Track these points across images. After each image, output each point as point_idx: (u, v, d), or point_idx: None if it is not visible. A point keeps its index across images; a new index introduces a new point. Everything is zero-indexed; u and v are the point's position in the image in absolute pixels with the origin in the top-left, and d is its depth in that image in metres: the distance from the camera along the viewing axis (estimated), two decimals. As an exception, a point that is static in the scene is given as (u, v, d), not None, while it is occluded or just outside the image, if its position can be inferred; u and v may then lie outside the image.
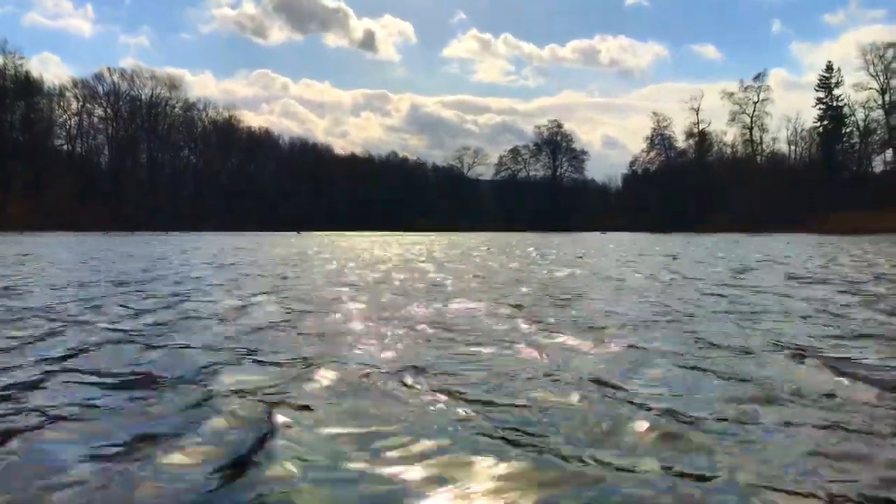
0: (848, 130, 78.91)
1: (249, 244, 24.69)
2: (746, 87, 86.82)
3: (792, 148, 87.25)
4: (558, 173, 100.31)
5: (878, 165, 77.99)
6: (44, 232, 52.09)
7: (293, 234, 52.15)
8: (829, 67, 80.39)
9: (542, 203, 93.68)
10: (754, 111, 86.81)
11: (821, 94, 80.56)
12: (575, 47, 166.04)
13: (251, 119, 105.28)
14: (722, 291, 6.89)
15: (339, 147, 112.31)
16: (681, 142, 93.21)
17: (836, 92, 79.42)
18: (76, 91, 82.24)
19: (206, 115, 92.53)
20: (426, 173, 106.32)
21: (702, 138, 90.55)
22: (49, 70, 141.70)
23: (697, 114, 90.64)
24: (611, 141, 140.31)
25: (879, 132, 76.83)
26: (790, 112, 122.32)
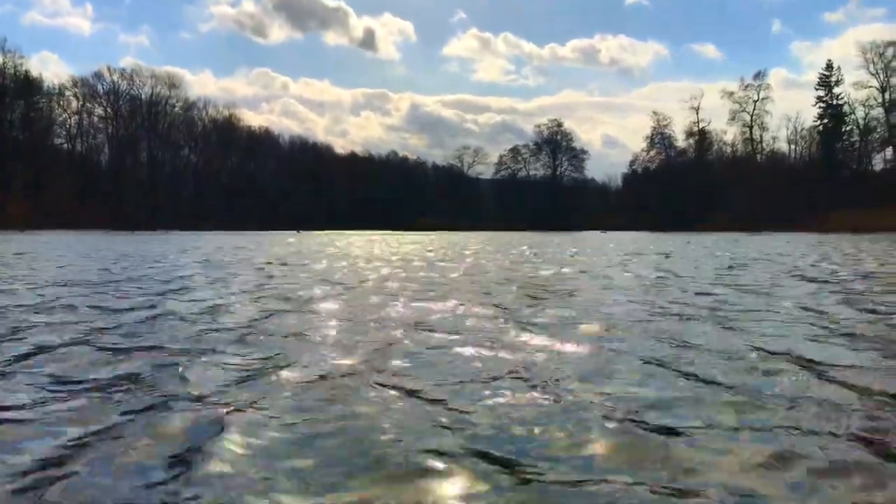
0: (848, 129, 79.01)
1: (247, 243, 24.68)
2: (746, 86, 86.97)
3: (792, 147, 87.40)
4: (558, 172, 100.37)
5: (879, 164, 78.19)
6: (44, 231, 52.13)
7: (293, 234, 52.16)
8: (829, 66, 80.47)
9: (543, 202, 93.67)
10: (754, 110, 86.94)
11: (821, 93, 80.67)
12: (575, 46, 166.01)
13: (251, 118, 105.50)
14: (709, 290, 6.86)
15: (339, 146, 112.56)
16: (681, 141, 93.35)
17: (837, 90, 79.59)
18: (76, 90, 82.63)
19: (206, 115, 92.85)
20: (426, 172, 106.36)
21: (702, 137, 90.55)
22: (48, 69, 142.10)
23: (697, 113, 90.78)
24: (611, 140, 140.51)
25: (879, 130, 76.96)
26: (790, 111, 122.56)
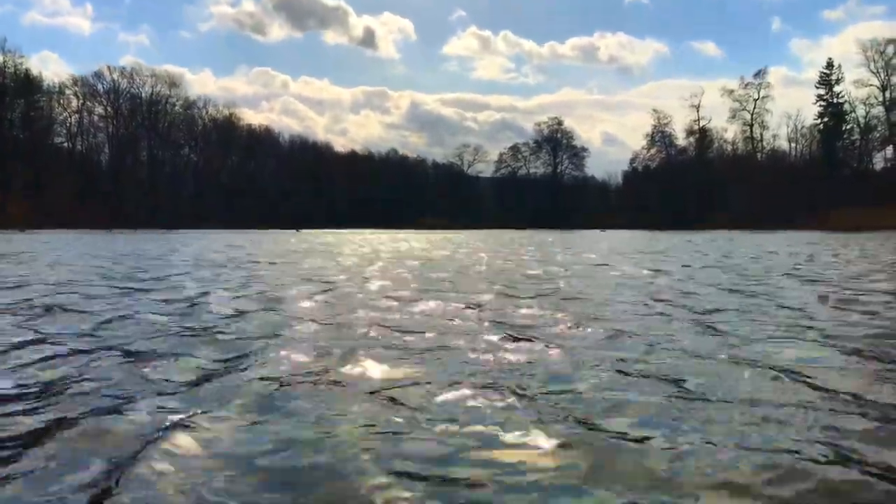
0: (848, 127, 78.80)
1: (245, 242, 24.70)
2: (747, 84, 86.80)
3: (792, 145, 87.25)
4: (558, 171, 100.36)
5: (879, 162, 78.03)
6: (44, 230, 52.18)
7: (293, 233, 52.22)
8: (830, 64, 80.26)
9: (543, 201, 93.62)
10: (755, 108, 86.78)
11: (821, 91, 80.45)
12: (574, 45, 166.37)
13: (251, 117, 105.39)
14: (686, 288, 6.86)
15: (340, 145, 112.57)
16: (681, 139, 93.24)
17: (837, 89, 79.37)
18: (76, 89, 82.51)
19: (207, 114, 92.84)
20: (426, 171, 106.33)
21: (702, 135, 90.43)
22: (48, 68, 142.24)
23: (698, 111, 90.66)
24: (610, 138, 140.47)
25: (880, 129, 76.79)
26: (790, 109, 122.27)
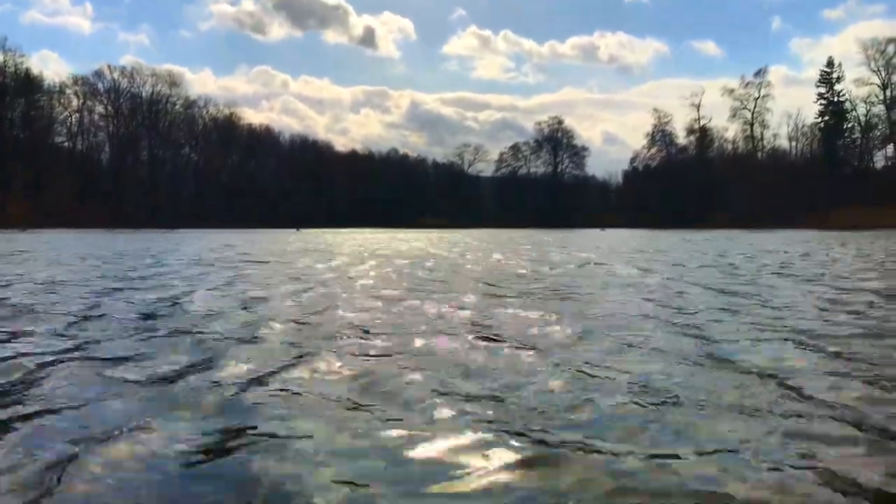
0: (849, 126, 78.69)
1: (243, 241, 24.71)
2: (747, 84, 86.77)
3: (793, 144, 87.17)
4: (559, 170, 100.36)
5: (880, 161, 77.99)
6: (44, 230, 52.27)
7: (293, 232, 52.25)
8: (830, 63, 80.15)
9: (543, 200, 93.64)
10: (755, 107, 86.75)
11: (822, 90, 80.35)
12: (574, 44, 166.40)
13: (251, 116, 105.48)
14: (673, 286, 6.87)
15: (340, 144, 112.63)
16: (681, 138, 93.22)
17: (837, 87, 79.29)
18: (76, 88, 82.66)
19: (207, 113, 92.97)
20: (426, 170, 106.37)
21: (703, 134, 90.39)
22: (48, 68, 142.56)
23: (698, 110, 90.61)
24: (611, 137, 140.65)
25: (881, 127, 76.70)
26: (791, 108, 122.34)
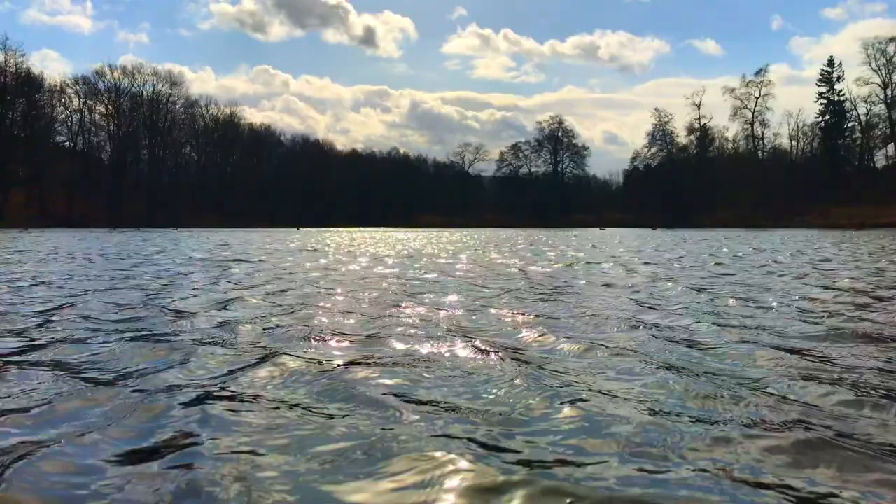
0: (850, 125, 78.78)
1: (241, 241, 24.75)
2: (748, 83, 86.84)
3: (794, 143, 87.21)
4: (560, 169, 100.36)
5: (880, 160, 78.01)
6: (45, 229, 52.42)
7: (293, 232, 52.37)
8: (831, 62, 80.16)
9: (544, 199, 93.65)
10: (756, 106, 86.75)
11: (822, 89, 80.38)
12: (575, 43, 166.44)
13: (252, 116, 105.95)
14: (654, 287, 6.90)
15: (341, 144, 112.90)
16: (682, 137, 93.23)
17: (838, 86, 79.35)
18: (77, 87, 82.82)
19: (208, 112, 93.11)
20: (427, 170, 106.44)
21: (703, 134, 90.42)
22: (49, 67, 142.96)
23: (699, 109, 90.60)
24: (611, 136, 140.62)
25: (881, 127, 76.77)
26: (791, 107, 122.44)
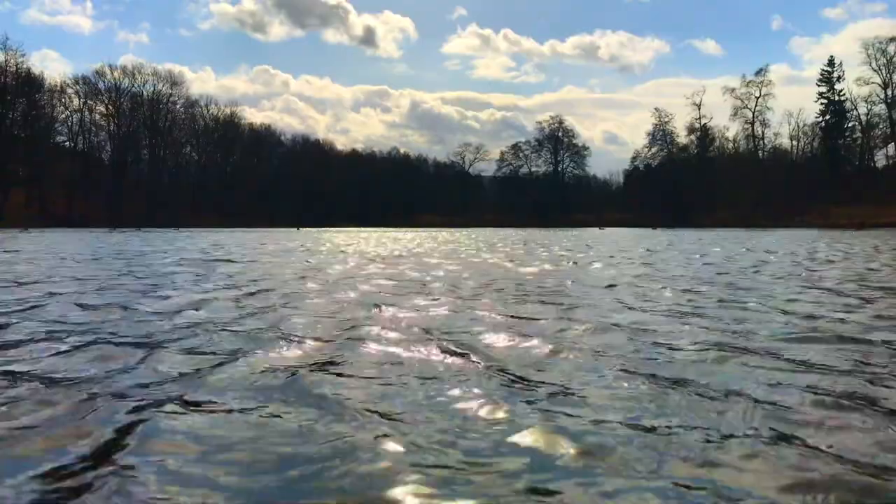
0: (850, 125, 78.73)
1: (238, 241, 24.79)
2: (748, 83, 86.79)
3: (794, 143, 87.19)
4: (560, 169, 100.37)
5: (881, 160, 77.98)
6: (45, 229, 52.48)
7: (293, 231, 52.45)
8: (831, 62, 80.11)
9: (544, 199, 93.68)
10: (756, 106, 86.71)
11: (822, 89, 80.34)
12: (575, 43, 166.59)
13: (252, 116, 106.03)
14: (640, 289, 6.89)
15: (341, 143, 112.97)
16: (682, 137, 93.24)
17: (838, 86, 79.31)
18: (77, 87, 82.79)
19: (208, 112, 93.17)
20: (427, 170, 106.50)
21: (704, 133, 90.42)
22: (49, 67, 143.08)
23: (699, 109, 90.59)
24: (612, 136, 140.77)
25: (882, 127, 76.70)
26: (792, 107, 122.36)
